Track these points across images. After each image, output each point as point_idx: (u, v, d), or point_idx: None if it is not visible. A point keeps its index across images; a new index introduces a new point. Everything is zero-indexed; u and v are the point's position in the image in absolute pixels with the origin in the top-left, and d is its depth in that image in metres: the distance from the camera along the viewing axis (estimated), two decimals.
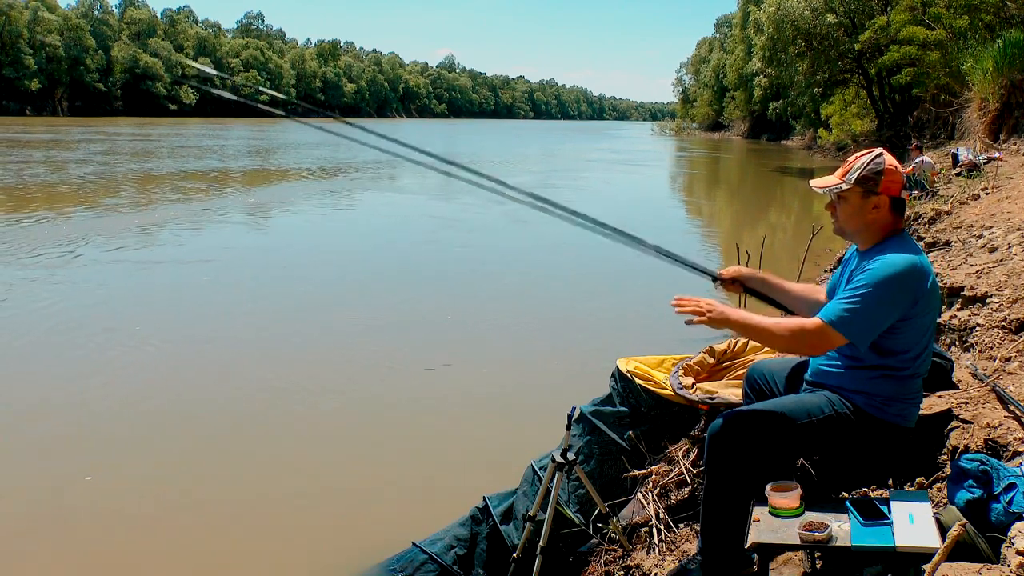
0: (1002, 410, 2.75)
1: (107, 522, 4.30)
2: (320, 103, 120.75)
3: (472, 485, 3.92)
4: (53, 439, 5.21)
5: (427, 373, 6.48)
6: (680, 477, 3.30)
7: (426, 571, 3.55)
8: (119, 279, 9.65)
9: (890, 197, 2.47)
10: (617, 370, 3.51)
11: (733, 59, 59.11)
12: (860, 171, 2.47)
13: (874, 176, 2.45)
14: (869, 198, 2.46)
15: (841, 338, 2.34)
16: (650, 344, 3.27)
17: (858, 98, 32.44)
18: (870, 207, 2.47)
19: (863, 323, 2.33)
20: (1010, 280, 4.68)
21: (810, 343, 2.38)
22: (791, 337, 2.39)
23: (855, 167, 2.48)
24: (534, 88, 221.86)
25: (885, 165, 2.47)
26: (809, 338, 2.37)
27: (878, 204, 2.46)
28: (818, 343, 2.37)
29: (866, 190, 2.46)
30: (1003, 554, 1.96)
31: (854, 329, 2.33)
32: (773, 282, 2.85)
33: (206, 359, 6.77)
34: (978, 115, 16.38)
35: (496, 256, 12.17)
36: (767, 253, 8.66)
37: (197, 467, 4.92)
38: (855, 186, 2.47)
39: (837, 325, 2.33)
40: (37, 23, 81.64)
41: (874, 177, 2.45)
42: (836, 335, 2.34)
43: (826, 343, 2.37)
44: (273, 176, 25.01)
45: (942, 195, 10.55)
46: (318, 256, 11.71)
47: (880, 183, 2.45)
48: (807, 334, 2.37)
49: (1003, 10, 18.04)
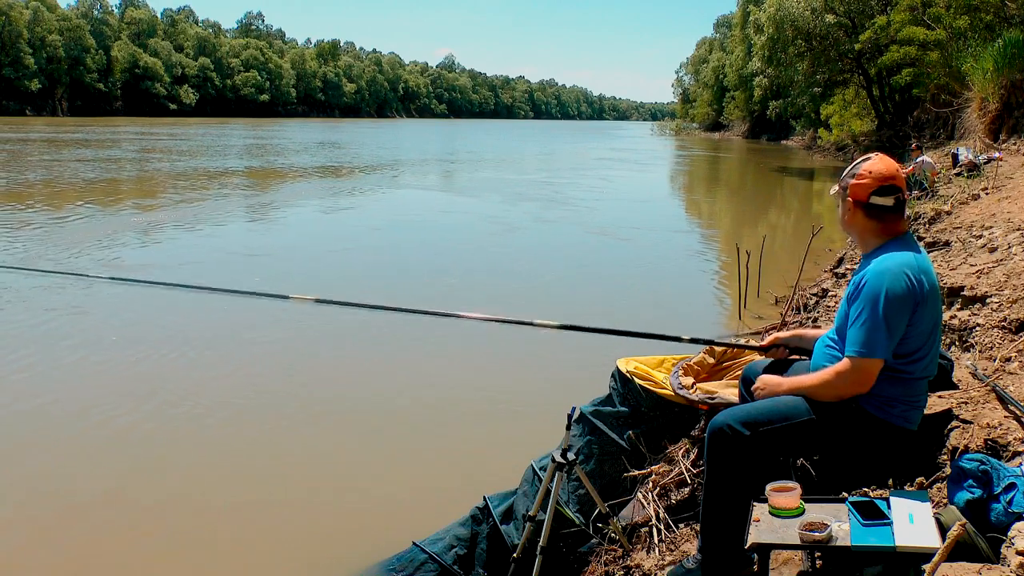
0: (1002, 410, 2.75)
1: (108, 522, 4.30)
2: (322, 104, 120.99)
3: (473, 485, 3.92)
4: (53, 440, 5.22)
5: (427, 373, 6.47)
6: (680, 477, 3.31)
7: (426, 571, 3.56)
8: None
9: (855, 202, 2.48)
10: (617, 370, 3.51)
11: (733, 59, 59.11)
12: (844, 176, 2.55)
13: (847, 181, 2.52)
14: (846, 203, 2.52)
15: (876, 363, 2.35)
16: (650, 344, 3.25)
17: (858, 98, 32.46)
18: (847, 212, 2.53)
19: (884, 339, 2.34)
20: (1010, 280, 4.68)
21: (851, 381, 2.39)
22: (835, 382, 2.40)
23: (844, 172, 2.55)
24: (534, 88, 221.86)
25: (859, 170, 2.49)
26: (849, 377, 2.38)
27: (851, 209, 2.51)
28: (859, 378, 2.38)
29: (844, 195, 2.52)
30: (1003, 554, 1.96)
31: (879, 349, 2.35)
32: (808, 335, 2.85)
33: (206, 359, 6.77)
34: (978, 115, 16.38)
35: (496, 256, 12.16)
36: (767, 253, 8.66)
37: (198, 467, 4.92)
38: (840, 190, 2.55)
39: (864, 353, 2.35)
40: (37, 23, 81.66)
41: (846, 182, 2.51)
42: (869, 362, 2.35)
43: (866, 375, 2.37)
44: (341, 171, 25.80)
45: (942, 195, 10.55)
46: (316, 254, 11.72)
47: (849, 188, 2.50)
48: (844, 376, 2.38)
49: (1003, 10, 18.03)
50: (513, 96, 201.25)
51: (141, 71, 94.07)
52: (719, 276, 10.64)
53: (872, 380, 2.38)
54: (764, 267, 8.59)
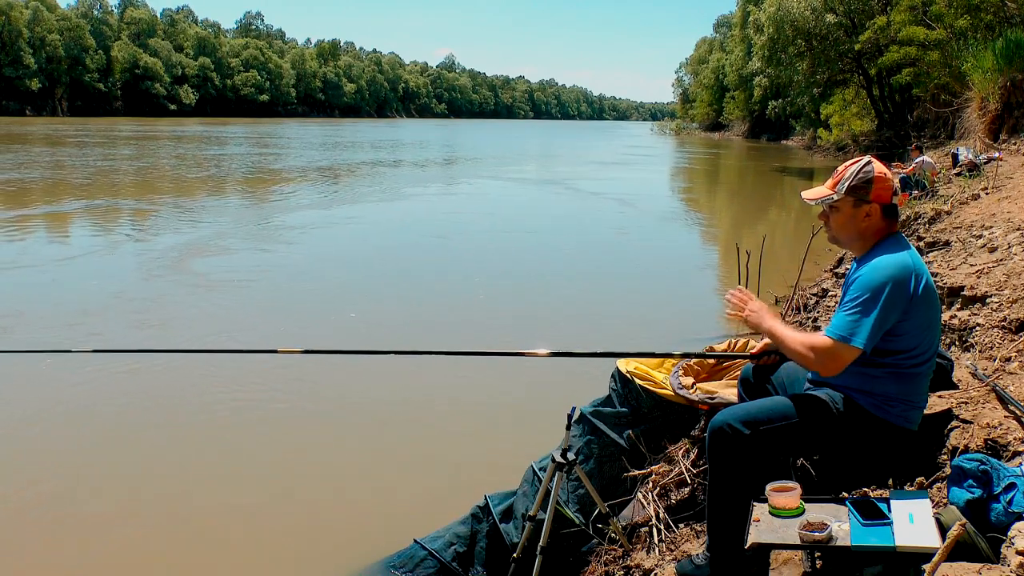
0: (1002, 410, 2.75)
1: (109, 522, 4.30)
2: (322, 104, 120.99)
3: (475, 485, 3.93)
4: (52, 440, 5.22)
5: (428, 374, 6.47)
6: (680, 477, 3.30)
7: (425, 568, 3.57)
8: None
9: (881, 204, 2.49)
10: (617, 370, 3.51)
11: (733, 59, 59.06)
12: (850, 180, 2.50)
13: (864, 185, 2.49)
14: (861, 207, 2.49)
15: (852, 350, 2.35)
16: (650, 344, 3.26)
17: (858, 98, 32.47)
18: (862, 215, 2.50)
19: (867, 329, 2.34)
20: (1010, 280, 4.68)
21: (821, 360, 2.39)
22: (805, 352, 2.41)
23: (845, 177, 2.51)
24: (534, 88, 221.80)
25: (875, 173, 2.49)
26: (822, 356, 2.38)
27: (870, 212, 2.49)
28: (830, 361, 2.38)
29: (857, 199, 2.49)
30: (1003, 554, 1.95)
31: (860, 338, 2.34)
32: None
33: (206, 358, 6.76)
34: (978, 115, 16.38)
35: (496, 257, 12.16)
36: (767, 253, 8.65)
37: (199, 467, 4.92)
38: (846, 196, 2.50)
39: (845, 338, 2.35)
40: (37, 22, 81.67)
41: (864, 186, 2.49)
42: (846, 348, 2.35)
43: (839, 360, 2.38)
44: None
45: (942, 195, 10.54)
46: (312, 258, 11.73)
47: (871, 191, 2.49)
48: (819, 351, 2.39)
49: (1003, 10, 18.04)
50: (513, 96, 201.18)
51: (141, 71, 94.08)
52: (719, 276, 10.65)
53: (840, 367, 2.38)
54: (764, 267, 8.58)
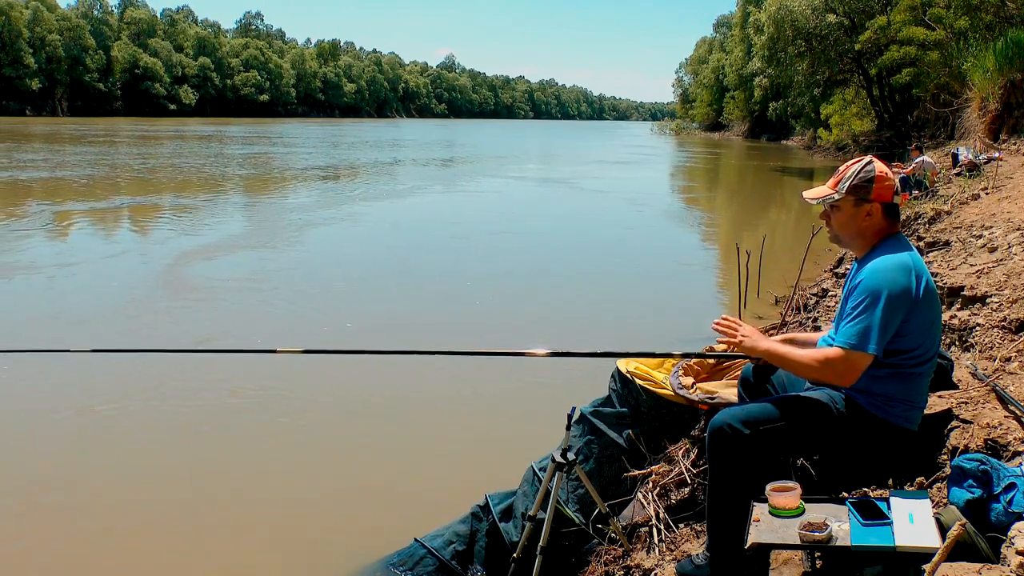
0: (1002, 410, 2.75)
1: (111, 523, 4.30)
2: (322, 104, 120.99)
3: (475, 485, 3.93)
4: (52, 440, 5.22)
5: (428, 373, 6.47)
6: (680, 477, 3.30)
7: (425, 566, 3.58)
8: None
9: (882, 204, 2.49)
10: (617, 370, 3.51)
11: (733, 59, 59.08)
12: (851, 180, 2.50)
13: (865, 184, 2.49)
14: (862, 206, 2.50)
15: (866, 357, 2.36)
16: (650, 344, 3.26)
17: (858, 98, 32.46)
18: (863, 215, 2.50)
19: (876, 334, 2.35)
20: (1010, 280, 4.68)
21: (838, 372, 2.39)
22: (820, 367, 2.41)
23: (846, 176, 2.52)
24: (534, 88, 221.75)
25: (876, 172, 2.50)
26: (836, 366, 2.38)
27: (871, 211, 2.50)
28: (845, 370, 2.38)
29: (858, 198, 2.50)
30: (1003, 554, 1.95)
31: (872, 344, 2.35)
32: (801, 339, 2.84)
33: (206, 357, 6.76)
34: (978, 115, 16.39)
35: (496, 257, 12.16)
36: (767, 253, 8.65)
37: (199, 467, 4.92)
38: (847, 195, 2.50)
39: (856, 346, 2.35)
40: (37, 22, 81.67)
41: (866, 185, 2.49)
42: (860, 356, 2.35)
43: (855, 369, 2.37)
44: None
45: (942, 195, 10.55)
46: (312, 258, 11.72)
47: (872, 190, 2.49)
48: (835, 364, 2.38)
49: (1003, 10, 18.04)
50: (513, 96, 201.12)
51: (141, 71, 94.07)
52: (719, 276, 10.65)
53: (857, 375, 2.38)
54: (764, 267, 8.58)
